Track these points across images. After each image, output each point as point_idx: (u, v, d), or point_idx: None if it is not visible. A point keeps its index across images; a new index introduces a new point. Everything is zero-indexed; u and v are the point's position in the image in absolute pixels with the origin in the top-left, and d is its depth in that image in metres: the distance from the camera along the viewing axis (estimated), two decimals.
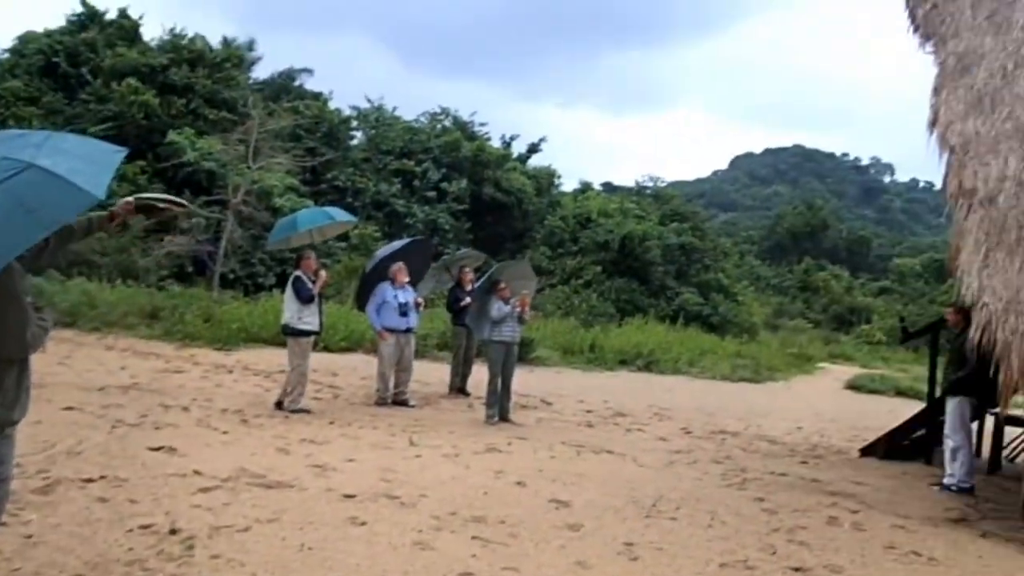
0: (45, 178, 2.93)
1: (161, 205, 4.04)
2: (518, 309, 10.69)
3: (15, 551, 4.54)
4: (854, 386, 22.81)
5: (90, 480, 6.09)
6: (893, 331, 40.00)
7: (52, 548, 4.65)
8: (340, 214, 12.22)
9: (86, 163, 3.09)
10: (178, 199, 4.19)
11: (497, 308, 10.62)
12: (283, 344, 10.83)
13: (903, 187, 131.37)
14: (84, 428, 8.02)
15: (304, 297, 10.12)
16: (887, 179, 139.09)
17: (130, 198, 3.89)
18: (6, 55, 30.61)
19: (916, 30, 9.07)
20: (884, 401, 19.63)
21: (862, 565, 5.60)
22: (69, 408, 8.89)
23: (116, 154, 3.29)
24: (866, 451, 10.86)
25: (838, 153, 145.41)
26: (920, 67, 8.76)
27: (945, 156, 7.78)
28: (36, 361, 3.57)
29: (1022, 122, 7.37)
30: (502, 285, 10.75)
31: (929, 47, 8.82)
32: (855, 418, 15.54)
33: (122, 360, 13.44)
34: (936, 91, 8.27)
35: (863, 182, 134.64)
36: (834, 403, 18.75)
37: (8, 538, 4.64)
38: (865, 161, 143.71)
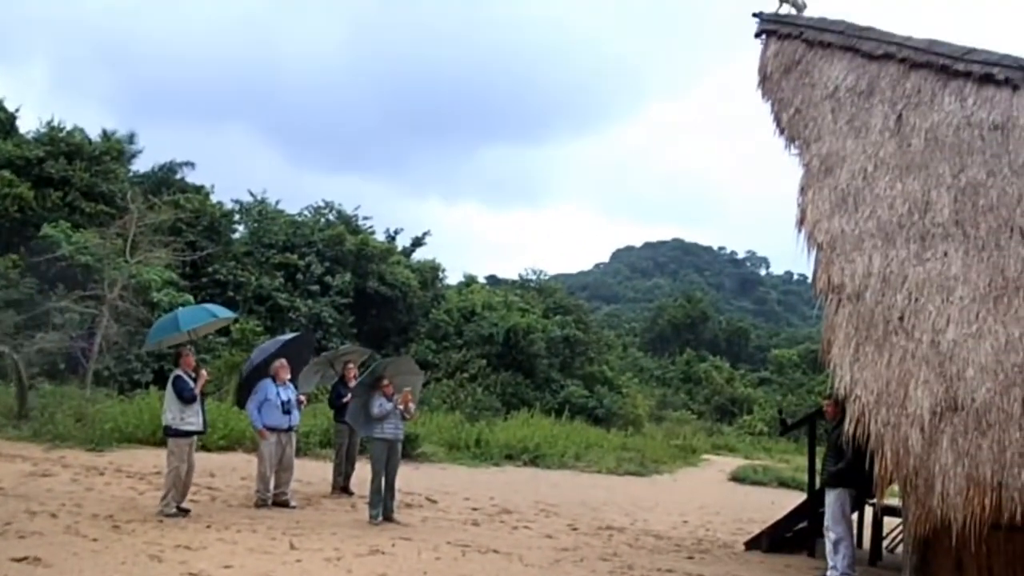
0: None
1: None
2: (400, 406, 10.65)
3: None
4: (737, 478, 23.32)
5: None
6: (773, 422, 41.13)
7: None
8: (221, 311, 12.03)
9: None
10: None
11: (379, 404, 10.56)
12: (160, 444, 10.52)
13: (778, 280, 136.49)
14: None
15: (186, 397, 9.88)
16: (763, 272, 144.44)
17: None
18: None
19: (782, 133, 9.63)
20: (767, 492, 20.10)
21: None
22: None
23: None
24: (750, 544, 11.09)
25: (715, 246, 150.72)
26: (788, 166, 9.28)
27: (814, 253, 8.19)
28: None
29: (884, 221, 7.84)
30: (385, 381, 10.71)
31: (795, 149, 9.36)
32: (739, 510, 15.87)
33: None
34: (803, 191, 8.75)
35: (740, 275, 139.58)
36: (719, 495, 19.11)
37: None
38: (741, 254, 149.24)
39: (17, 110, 31.50)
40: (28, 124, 33.55)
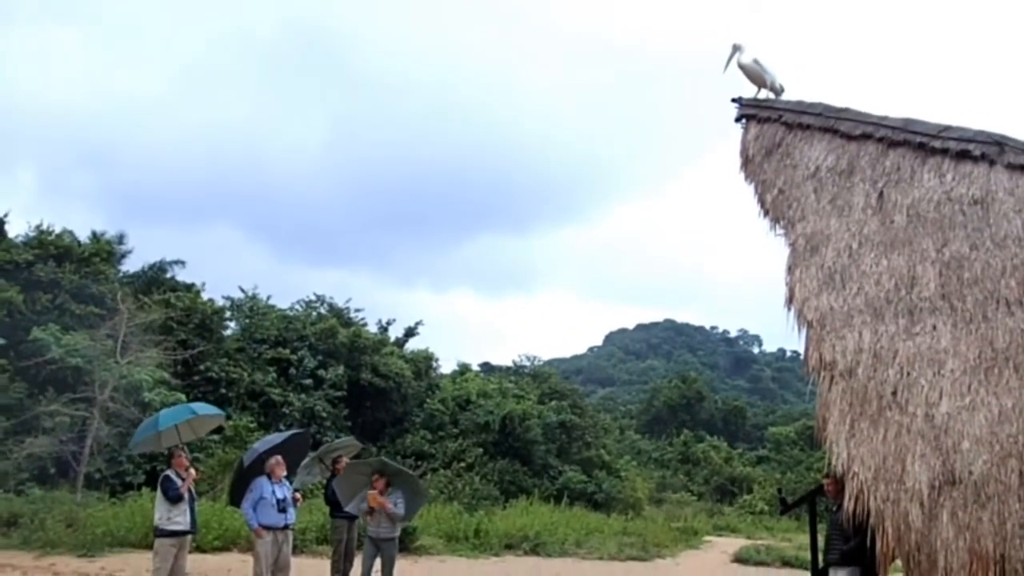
0: None
1: None
2: (363, 505, 10.73)
3: None
4: (741, 558, 23.02)
5: None
6: (774, 500, 40.72)
7: None
8: (203, 408, 12.02)
9: None
10: None
11: (360, 499, 10.61)
12: (153, 547, 10.33)
13: (771, 357, 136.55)
14: None
15: (171, 496, 9.81)
16: (756, 350, 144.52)
17: None
18: None
19: (767, 214, 9.77)
20: (771, 573, 19.85)
21: None
22: None
23: None
24: None
25: (707, 326, 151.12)
26: (775, 246, 9.38)
27: (804, 331, 8.24)
28: None
29: (871, 297, 7.91)
30: (375, 476, 10.67)
31: (780, 229, 9.48)
32: None
33: None
34: (790, 270, 8.83)
35: (733, 353, 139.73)
36: None
37: None
38: (734, 333, 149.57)
39: (6, 215, 31.69)
40: (17, 228, 33.76)
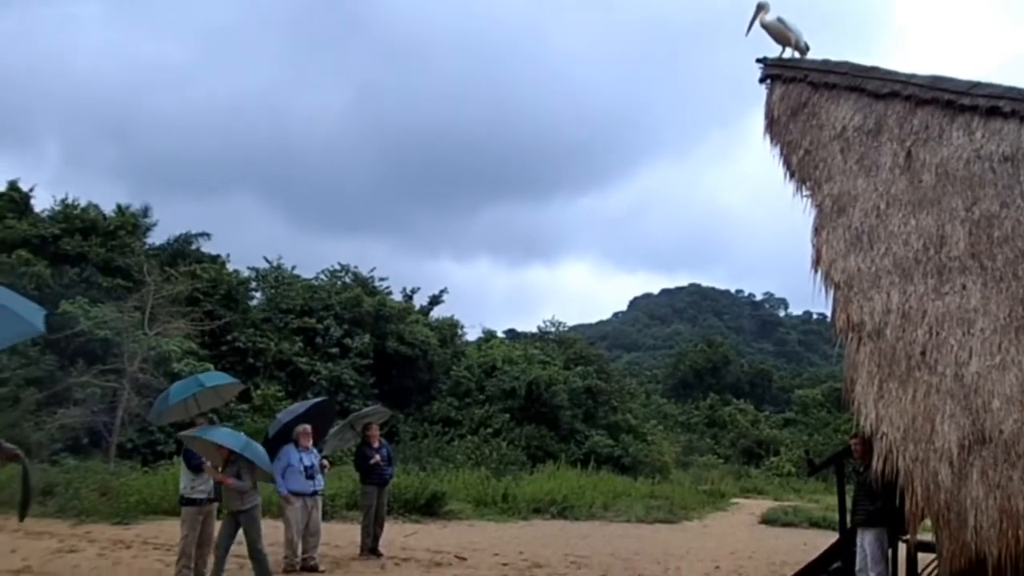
0: None
1: (23, 491, 4.13)
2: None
3: None
4: (768, 520, 23.06)
5: None
6: (801, 462, 40.70)
7: None
8: (211, 379, 12.02)
9: (20, 304, 3.22)
10: (27, 494, 4.27)
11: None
12: None
13: (797, 320, 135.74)
14: None
15: (193, 466, 9.93)
16: (782, 313, 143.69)
17: (15, 449, 3.90)
18: None
19: (792, 176, 9.65)
20: (798, 534, 19.85)
21: None
22: None
23: (39, 311, 3.40)
24: None
25: (733, 290, 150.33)
26: (801, 207, 9.27)
27: (831, 292, 8.15)
28: None
29: (899, 257, 7.81)
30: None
31: (806, 191, 9.36)
32: (771, 553, 15.68)
33: (12, 542, 12.72)
34: (817, 231, 8.73)
35: (759, 317, 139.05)
36: (750, 539, 18.87)
37: None
38: (759, 297, 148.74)
39: (31, 189, 32.05)
40: (43, 203, 34.02)
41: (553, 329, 50.50)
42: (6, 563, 10.89)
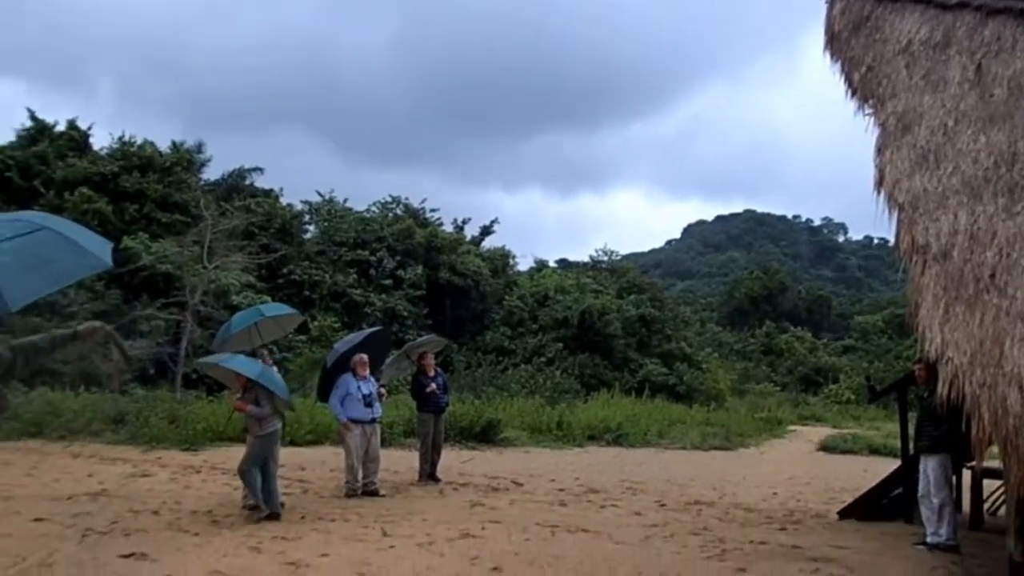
0: (59, 240, 3.22)
1: (116, 352, 4.27)
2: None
3: None
4: (826, 447, 22.95)
5: None
6: (861, 389, 40.38)
7: None
8: (271, 309, 12.14)
9: (88, 239, 3.29)
10: (126, 355, 4.42)
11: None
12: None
13: (858, 245, 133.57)
14: (54, 539, 7.86)
15: None
16: (841, 238, 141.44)
17: (97, 323, 4.03)
18: None
19: (854, 93, 9.34)
20: (858, 461, 19.75)
21: None
22: (38, 519, 8.73)
23: (107, 244, 3.46)
24: (844, 513, 10.87)
25: (790, 215, 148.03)
26: (862, 127, 9.00)
27: (895, 214, 7.92)
28: (3, 473, 3.54)
29: (968, 176, 7.54)
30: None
31: (868, 109, 9.07)
32: (830, 480, 15.61)
33: (89, 467, 13.18)
34: (880, 151, 8.46)
35: (817, 243, 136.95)
36: (808, 466, 18.82)
37: None
38: (817, 222, 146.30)
39: (89, 128, 32.49)
40: (101, 141, 34.57)
41: (606, 258, 50.35)
42: (84, 487, 11.29)
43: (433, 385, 12.86)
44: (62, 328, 4.01)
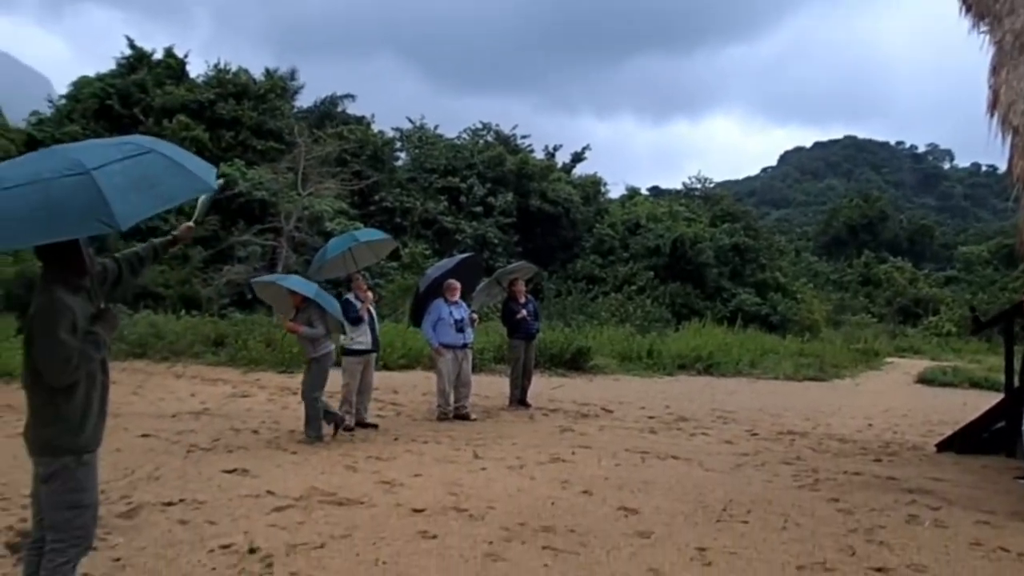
0: (166, 162, 3.32)
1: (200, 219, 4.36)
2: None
3: (105, 574, 4.68)
4: (925, 380, 22.39)
5: (170, 503, 6.24)
6: (963, 321, 39.15)
7: (139, 570, 4.78)
8: (365, 235, 12.16)
9: (193, 162, 3.41)
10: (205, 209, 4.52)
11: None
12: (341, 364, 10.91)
13: (964, 173, 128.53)
14: (161, 454, 8.23)
15: (352, 318, 10.25)
16: (947, 166, 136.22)
17: (190, 223, 4.13)
18: (63, 102, 31.51)
19: (968, 10, 8.86)
20: (958, 394, 19.24)
21: (947, 563, 5.45)
22: (145, 435, 9.14)
23: (211, 169, 3.56)
24: (943, 446, 10.62)
25: (892, 142, 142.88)
26: (975, 47, 8.55)
27: (1008, 138, 7.54)
28: (112, 391, 3.66)
29: None
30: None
31: (983, 27, 8.59)
32: (928, 412, 15.26)
33: (191, 387, 13.71)
34: (995, 71, 8.04)
35: (921, 170, 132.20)
36: (905, 398, 18.41)
37: (98, 562, 4.76)
38: (922, 148, 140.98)
39: (186, 56, 33.03)
40: (197, 69, 35.08)
41: (699, 186, 49.42)
42: (188, 405, 11.75)
43: (524, 311, 12.89)
44: (160, 239, 4.11)
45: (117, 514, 5.85)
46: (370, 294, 10.82)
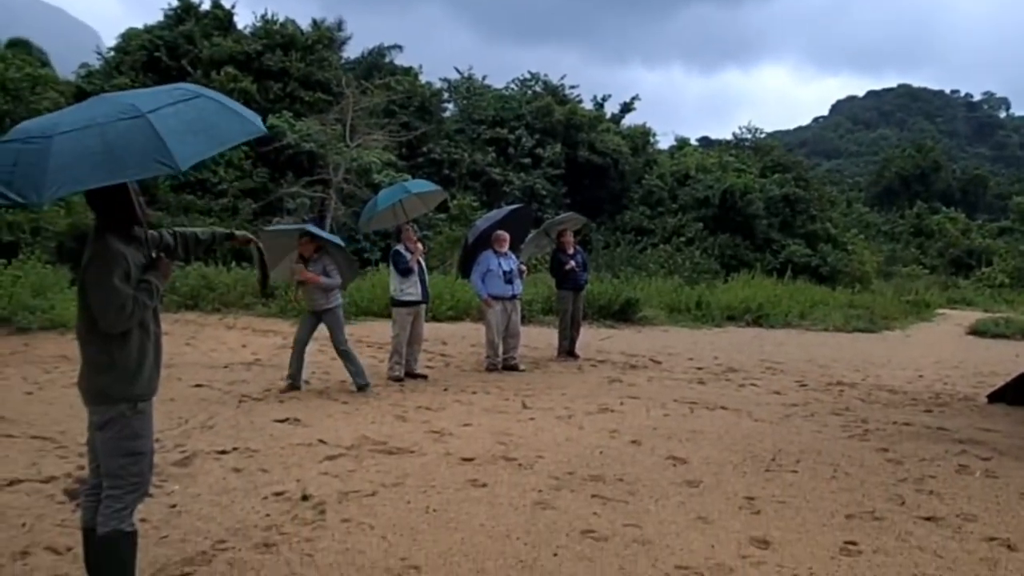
0: (216, 106, 3.38)
1: (259, 269, 4.46)
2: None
3: (162, 520, 4.81)
4: (977, 331, 22.00)
5: (224, 452, 6.39)
6: (1017, 272, 38.34)
7: (195, 516, 4.91)
8: (416, 186, 12.13)
9: (240, 108, 3.47)
10: (265, 271, 4.59)
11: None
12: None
13: (1020, 121, 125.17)
14: (214, 403, 8.40)
15: (401, 269, 10.31)
16: (1002, 114, 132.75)
17: (252, 237, 4.21)
18: (111, 54, 31.78)
19: None
20: (1011, 345, 18.92)
21: (997, 513, 5.41)
22: (198, 385, 9.33)
23: (256, 115, 3.61)
24: (994, 397, 10.46)
25: (947, 90, 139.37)
26: None
27: None
28: (164, 342, 3.73)
29: None
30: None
31: None
32: (980, 364, 15.02)
33: (243, 338, 13.93)
34: None
35: (976, 119, 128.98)
36: (956, 349, 18.13)
37: (155, 508, 4.90)
38: (977, 97, 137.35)
39: (233, 7, 33.01)
40: (244, 20, 35.18)
41: (749, 136, 48.64)
42: (239, 356, 11.97)
43: (572, 263, 12.85)
44: (222, 228, 4.22)
45: (172, 462, 6.00)
46: (420, 245, 10.85)
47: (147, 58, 30.04)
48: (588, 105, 39.71)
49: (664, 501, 5.45)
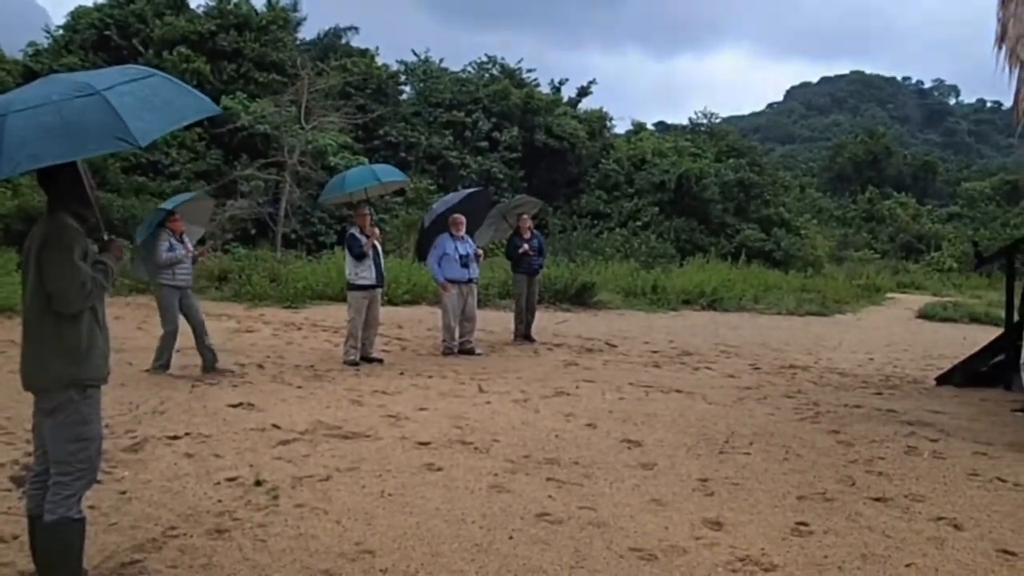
0: (171, 84, 3.41)
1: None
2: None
3: (111, 506, 4.74)
4: (926, 315, 22.42)
5: (176, 437, 6.31)
6: (964, 257, 39.08)
7: (146, 503, 4.84)
8: (388, 174, 12.05)
9: (194, 90, 3.51)
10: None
11: (167, 248, 9.91)
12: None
13: (969, 109, 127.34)
14: (165, 388, 8.30)
15: (356, 253, 10.27)
16: (952, 101, 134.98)
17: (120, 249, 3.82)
18: (60, 32, 31.10)
19: None
20: (958, 328, 19.29)
21: (944, 493, 5.52)
22: (149, 370, 9.18)
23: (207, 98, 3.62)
24: (942, 379, 10.68)
25: (899, 77, 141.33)
26: None
27: (1016, 72, 7.43)
28: (115, 326, 3.67)
29: None
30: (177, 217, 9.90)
31: None
32: (928, 347, 15.31)
33: None
34: (1003, 3, 7.90)
35: (926, 106, 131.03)
36: (906, 333, 18.46)
37: (104, 494, 4.83)
38: (928, 84, 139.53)
39: None
40: None
41: (704, 121, 48.95)
42: (191, 340, 11.77)
43: (526, 246, 12.87)
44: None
45: (122, 448, 5.91)
46: (376, 229, 10.79)
47: (97, 37, 29.47)
48: (545, 89, 39.69)
49: (619, 484, 5.48)
